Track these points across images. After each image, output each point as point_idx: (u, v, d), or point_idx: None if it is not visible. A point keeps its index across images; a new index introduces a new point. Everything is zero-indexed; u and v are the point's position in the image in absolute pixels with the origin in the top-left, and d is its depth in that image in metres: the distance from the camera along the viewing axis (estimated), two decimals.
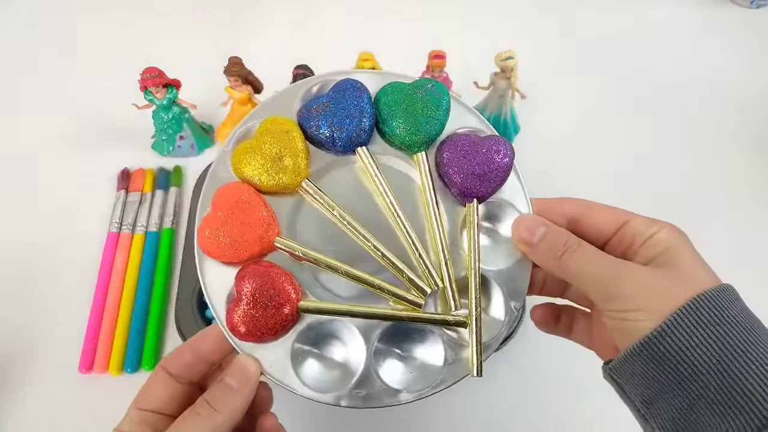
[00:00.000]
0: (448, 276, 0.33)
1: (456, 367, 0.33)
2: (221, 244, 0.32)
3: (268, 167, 0.33)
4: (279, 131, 0.34)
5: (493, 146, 0.34)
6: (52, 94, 0.70)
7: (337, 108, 0.34)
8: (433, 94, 0.34)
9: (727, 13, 0.78)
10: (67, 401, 0.50)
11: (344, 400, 0.32)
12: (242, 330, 0.31)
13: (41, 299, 0.55)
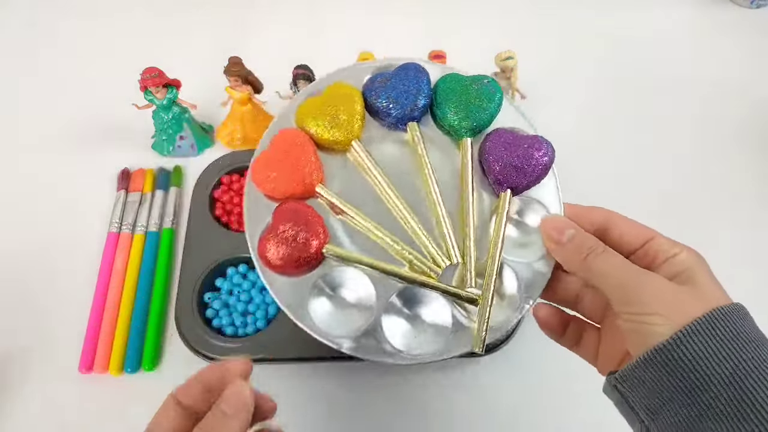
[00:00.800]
0: (470, 254, 0.35)
1: (460, 342, 0.34)
2: (269, 177, 0.35)
3: (326, 122, 0.36)
4: (343, 94, 0.37)
5: (535, 144, 0.36)
6: (52, 94, 0.70)
7: (398, 84, 0.37)
8: (488, 88, 0.37)
9: (727, 13, 0.78)
10: (67, 401, 0.50)
11: (347, 346, 0.33)
12: (270, 256, 0.33)
13: (41, 299, 0.55)
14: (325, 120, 0.36)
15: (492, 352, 0.50)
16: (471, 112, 0.37)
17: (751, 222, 0.60)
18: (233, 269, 0.54)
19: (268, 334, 0.50)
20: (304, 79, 0.56)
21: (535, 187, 0.37)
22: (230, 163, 0.60)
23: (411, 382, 0.51)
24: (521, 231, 0.36)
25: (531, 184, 0.37)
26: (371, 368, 0.51)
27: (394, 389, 0.51)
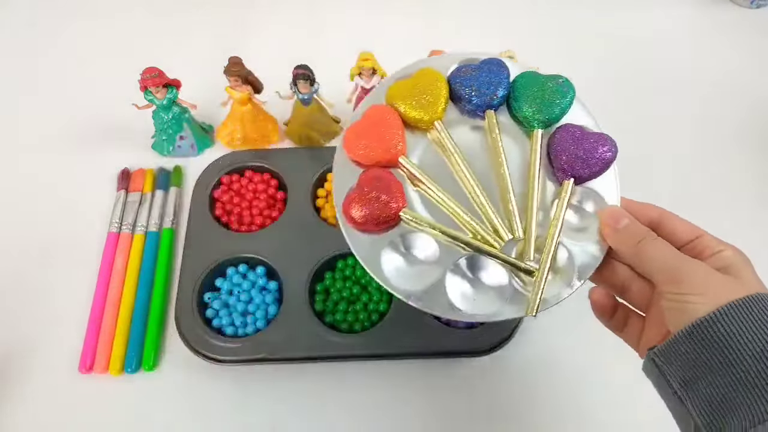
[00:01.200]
0: (531, 231, 0.38)
1: (513, 308, 0.38)
2: (359, 144, 0.39)
3: (413, 102, 0.40)
4: (430, 78, 0.41)
5: (601, 140, 0.40)
6: (52, 94, 0.70)
7: (481, 75, 0.41)
8: (562, 87, 0.41)
9: (727, 13, 0.78)
10: (67, 401, 0.50)
11: (413, 299, 0.37)
12: (353, 213, 0.38)
13: (41, 299, 0.55)
14: (412, 100, 0.40)
15: (492, 352, 0.50)
16: (545, 107, 0.40)
17: (751, 222, 0.60)
18: (233, 269, 0.54)
19: (268, 334, 0.50)
20: (304, 79, 0.56)
21: (596, 180, 0.40)
22: (230, 163, 0.60)
23: (411, 382, 0.51)
24: (579, 217, 0.40)
25: (593, 176, 0.40)
26: (371, 368, 0.51)
27: (394, 389, 0.51)
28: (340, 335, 0.50)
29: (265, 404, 0.50)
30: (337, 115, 0.64)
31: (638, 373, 0.53)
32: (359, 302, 0.52)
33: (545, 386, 0.51)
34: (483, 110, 0.41)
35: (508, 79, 0.42)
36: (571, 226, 0.39)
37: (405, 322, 0.51)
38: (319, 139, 0.63)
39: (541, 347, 0.53)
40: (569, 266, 0.38)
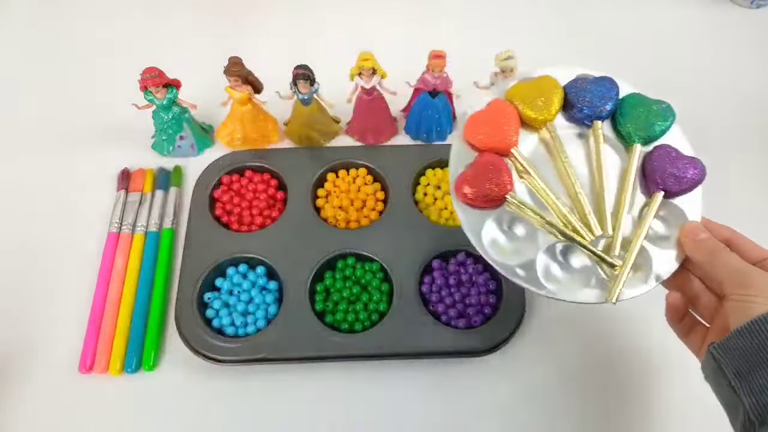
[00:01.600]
0: (619, 231, 0.43)
1: (594, 294, 0.43)
2: (478, 131, 0.45)
3: (530, 102, 0.46)
4: (548, 84, 0.47)
5: (692, 162, 0.46)
6: (52, 94, 0.70)
7: (595, 89, 0.47)
8: (665, 111, 0.47)
9: (727, 13, 0.78)
10: (67, 401, 0.50)
11: (505, 271, 0.43)
12: (465, 190, 0.43)
13: (41, 299, 0.55)
14: (529, 100, 0.46)
15: (492, 352, 0.50)
16: (647, 126, 0.46)
17: (751, 222, 0.60)
18: (233, 269, 0.54)
19: (269, 334, 0.50)
20: (304, 79, 0.56)
21: (682, 197, 0.45)
22: (230, 163, 0.60)
23: (411, 382, 0.51)
24: (663, 226, 0.45)
25: (681, 193, 0.45)
26: (371, 368, 0.52)
27: (394, 389, 0.51)
28: (341, 335, 0.50)
29: (266, 404, 0.50)
30: (337, 115, 0.64)
31: (637, 373, 0.53)
32: (359, 302, 0.52)
33: (545, 386, 0.51)
34: (591, 120, 0.47)
35: (618, 96, 0.47)
36: (654, 233, 0.44)
37: (405, 323, 0.51)
38: (319, 139, 0.63)
39: (541, 347, 0.53)
40: (648, 267, 0.43)
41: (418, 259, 0.54)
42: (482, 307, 0.52)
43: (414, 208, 0.58)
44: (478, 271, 0.54)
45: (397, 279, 0.53)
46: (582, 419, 0.50)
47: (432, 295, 0.53)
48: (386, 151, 0.62)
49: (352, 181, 0.60)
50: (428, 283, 0.53)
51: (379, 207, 0.59)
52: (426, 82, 0.58)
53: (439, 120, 0.61)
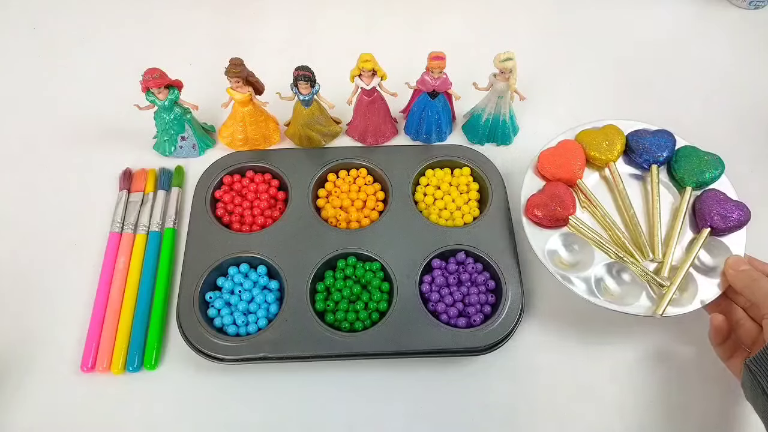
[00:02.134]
0: (670, 257, 0.52)
1: (641, 308, 0.49)
2: (552, 163, 0.55)
3: (595, 145, 0.56)
4: (613, 131, 0.57)
5: (739, 206, 0.53)
6: (53, 95, 0.70)
7: (653, 138, 0.57)
8: (716, 161, 0.55)
9: (726, 14, 0.78)
10: (69, 400, 0.50)
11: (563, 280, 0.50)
12: (536, 212, 0.52)
13: (43, 299, 0.55)
14: (594, 143, 0.56)
15: (491, 351, 0.51)
16: (699, 172, 0.54)
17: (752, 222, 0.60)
18: (235, 268, 0.54)
19: (270, 333, 0.51)
20: (305, 80, 0.56)
21: (727, 236, 0.52)
22: (231, 163, 0.61)
23: (412, 380, 0.51)
24: (710, 258, 0.52)
25: (726, 231, 0.52)
26: (372, 367, 0.52)
27: (393, 388, 0.51)
28: (341, 334, 0.51)
29: (267, 403, 0.50)
30: (338, 116, 0.65)
31: (636, 373, 0.53)
32: (360, 301, 0.53)
33: (544, 385, 0.52)
34: (649, 164, 0.56)
35: (674, 146, 0.57)
36: (702, 263, 0.52)
37: (405, 322, 0.51)
38: (320, 140, 0.63)
39: (540, 347, 0.53)
40: (693, 291, 0.50)
41: (418, 259, 0.54)
42: (482, 306, 0.53)
43: (414, 208, 0.58)
44: (477, 270, 0.54)
45: (397, 278, 0.53)
46: (581, 418, 0.50)
47: (432, 294, 0.53)
48: (386, 152, 0.62)
49: (352, 181, 0.60)
50: (428, 283, 0.54)
51: (379, 207, 0.59)
52: (425, 83, 0.59)
53: (438, 121, 0.62)
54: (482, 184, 0.60)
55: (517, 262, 0.54)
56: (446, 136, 0.65)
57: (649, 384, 0.51)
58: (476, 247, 0.55)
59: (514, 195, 0.60)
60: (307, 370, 0.52)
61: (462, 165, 0.61)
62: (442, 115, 0.62)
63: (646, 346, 0.53)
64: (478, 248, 0.55)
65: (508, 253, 0.54)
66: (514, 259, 0.54)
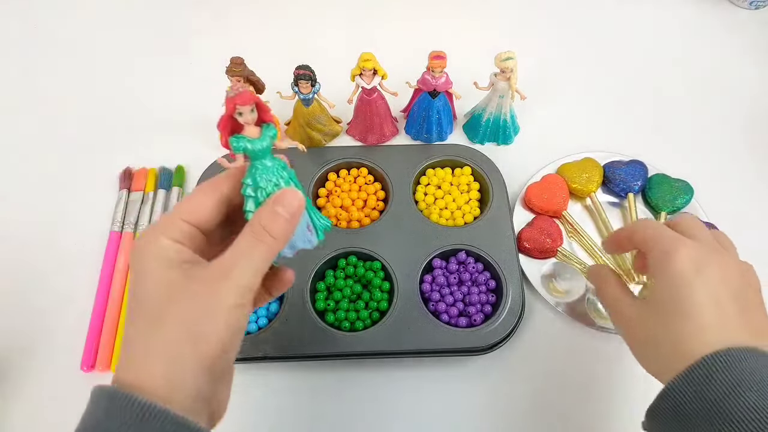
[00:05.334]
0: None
1: None
2: (538, 198, 0.59)
3: (576, 177, 0.60)
4: (591, 164, 0.61)
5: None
6: (54, 94, 0.70)
7: (627, 169, 0.60)
8: (685, 188, 0.59)
9: (726, 14, 0.78)
10: (69, 400, 0.49)
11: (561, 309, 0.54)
12: (526, 244, 0.56)
13: (43, 298, 0.55)
14: (576, 176, 0.60)
15: (492, 351, 0.51)
16: (672, 199, 0.59)
17: (753, 223, 0.60)
18: None
19: (270, 333, 0.51)
20: (305, 80, 0.56)
21: None
22: (232, 163, 0.60)
23: (412, 380, 0.51)
24: None
25: None
26: (372, 366, 0.52)
27: (394, 388, 0.51)
28: (342, 333, 0.51)
29: (266, 402, 0.50)
30: (338, 115, 0.64)
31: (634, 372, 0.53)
32: (360, 301, 0.53)
33: (545, 384, 0.52)
34: (625, 193, 0.60)
35: (647, 175, 0.60)
36: None
37: (406, 321, 0.51)
38: (320, 140, 0.63)
39: (540, 347, 0.53)
40: None
41: (418, 258, 0.54)
42: (482, 305, 0.53)
43: (414, 207, 0.58)
44: (478, 270, 0.54)
45: (397, 278, 0.53)
46: (581, 417, 0.50)
47: (433, 293, 0.53)
48: (387, 151, 0.62)
49: (353, 180, 0.60)
50: (429, 282, 0.54)
51: (380, 206, 0.59)
52: (426, 83, 0.59)
53: (439, 120, 0.62)
54: (483, 183, 0.60)
55: (517, 262, 0.54)
56: (447, 135, 0.65)
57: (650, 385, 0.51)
58: (477, 247, 0.55)
59: (514, 195, 0.60)
60: (308, 369, 0.52)
61: (463, 164, 0.61)
62: (442, 115, 0.61)
63: None
64: (478, 248, 0.55)
65: (508, 253, 0.54)
66: (515, 258, 0.54)
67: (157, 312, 0.29)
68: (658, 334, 0.36)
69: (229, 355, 0.30)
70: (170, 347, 0.28)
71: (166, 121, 0.67)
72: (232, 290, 0.29)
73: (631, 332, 0.39)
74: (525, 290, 0.54)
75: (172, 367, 0.28)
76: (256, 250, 0.30)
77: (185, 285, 0.29)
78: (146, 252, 0.30)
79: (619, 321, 0.40)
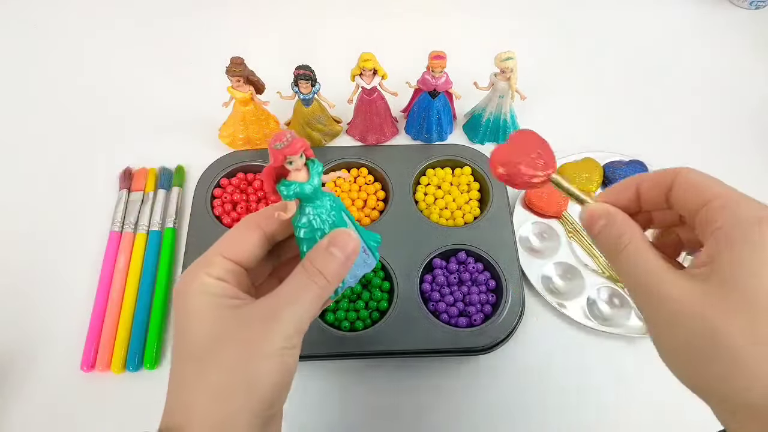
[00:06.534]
0: None
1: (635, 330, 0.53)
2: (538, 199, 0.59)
3: (575, 177, 0.60)
4: (590, 165, 0.61)
5: None
6: (53, 93, 0.70)
7: (627, 169, 0.60)
8: None
9: (727, 14, 0.78)
10: (69, 399, 0.50)
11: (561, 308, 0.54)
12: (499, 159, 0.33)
13: (43, 298, 0.55)
14: (576, 176, 0.60)
15: (492, 351, 0.51)
16: None
17: None
18: None
19: None
20: (305, 80, 0.56)
21: None
22: (232, 162, 0.61)
23: (412, 380, 0.51)
24: None
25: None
26: (372, 366, 0.52)
27: (394, 387, 0.51)
28: (341, 333, 0.51)
29: None
30: (338, 115, 0.64)
31: (638, 373, 0.53)
32: (360, 300, 0.53)
33: (546, 385, 0.51)
34: None
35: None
36: None
37: (406, 321, 0.51)
38: (321, 140, 0.63)
39: (541, 347, 0.53)
40: None
41: (418, 258, 0.54)
42: (482, 305, 0.53)
43: (414, 207, 0.58)
44: (478, 269, 0.54)
45: (397, 277, 0.53)
46: (581, 417, 0.50)
47: (433, 293, 0.53)
48: (387, 151, 0.62)
49: (353, 180, 0.60)
50: (429, 282, 0.54)
51: (380, 206, 0.59)
52: (426, 83, 0.59)
53: (439, 120, 0.62)
54: (483, 183, 0.60)
55: (518, 262, 0.54)
56: (447, 135, 0.65)
57: (651, 384, 0.51)
58: (477, 247, 0.55)
59: (514, 195, 0.60)
60: (307, 369, 0.52)
61: (463, 164, 0.61)
62: (442, 115, 0.61)
63: (649, 348, 0.53)
64: (478, 248, 0.55)
65: (508, 253, 0.54)
66: (515, 258, 0.54)
67: (205, 354, 0.28)
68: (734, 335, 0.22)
69: (280, 397, 0.29)
70: (221, 392, 0.27)
71: (166, 121, 0.67)
72: (282, 332, 0.28)
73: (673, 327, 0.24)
74: (525, 290, 0.54)
75: (223, 413, 0.27)
76: (308, 291, 0.29)
77: (234, 326, 0.28)
78: (189, 290, 0.29)
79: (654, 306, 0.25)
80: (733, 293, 0.23)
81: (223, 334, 0.28)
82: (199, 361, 0.28)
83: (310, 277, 0.29)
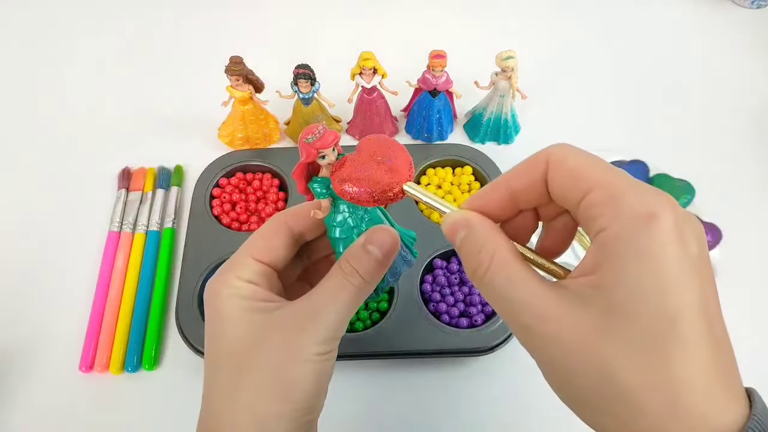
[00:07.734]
0: None
1: None
2: None
3: None
4: None
5: (710, 228, 0.55)
6: (52, 93, 0.70)
7: (630, 169, 0.58)
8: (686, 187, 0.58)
9: (727, 13, 0.78)
10: (67, 400, 0.50)
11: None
12: (342, 174, 0.28)
13: (42, 298, 0.55)
14: None
15: (491, 352, 0.50)
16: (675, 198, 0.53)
17: (754, 223, 0.60)
18: None
19: None
20: (305, 79, 0.56)
21: None
22: (231, 162, 0.60)
23: (412, 382, 0.51)
24: None
25: None
26: (372, 366, 0.51)
27: (394, 389, 0.51)
28: None
29: None
30: (338, 114, 0.64)
31: None
32: None
33: (547, 385, 0.51)
34: None
35: (648, 174, 0.59)
36: None
37: (406, 322, 0.51)
38: None
39: None
40: None
41: (419, 258, 0.54)
42: (483, 306, 0.52)
43: (415, 207, 0.58)
44: None
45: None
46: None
47: (433, 294, 0.53)
48: None
49: None
50: (429, 283, 0.53)
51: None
52: (426, 82, 0.58)
53: (439, 120, 0.62)
54: (484, 183, 0.60)
55: None
56: (447, 135, 0.64)
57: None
58: None
59: None
60: None
61: (463, 164, 0.60)
62: (443, 114, 0.61)
63: None
64: None
65: None
66: None
67: (240, 359, 0.27)
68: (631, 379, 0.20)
69: (318, 403, 0.28)
70: (258, 398, 0.27)
71: (165, 121, 0.66)
72: (318, 336, 0.27)
73: (565, 372, 0.23)
74: None
75: (260, 420, 0.26)
76: (344, 292, 0.28)
77: (268, 330, 0.27)
78: (220, 294, 0.28)
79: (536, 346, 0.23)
80: (623, 324, 0.20)
81: (258, 339, 0.27)
82: (235, 367, 0.27)
83: (346, 277, 0.28)
